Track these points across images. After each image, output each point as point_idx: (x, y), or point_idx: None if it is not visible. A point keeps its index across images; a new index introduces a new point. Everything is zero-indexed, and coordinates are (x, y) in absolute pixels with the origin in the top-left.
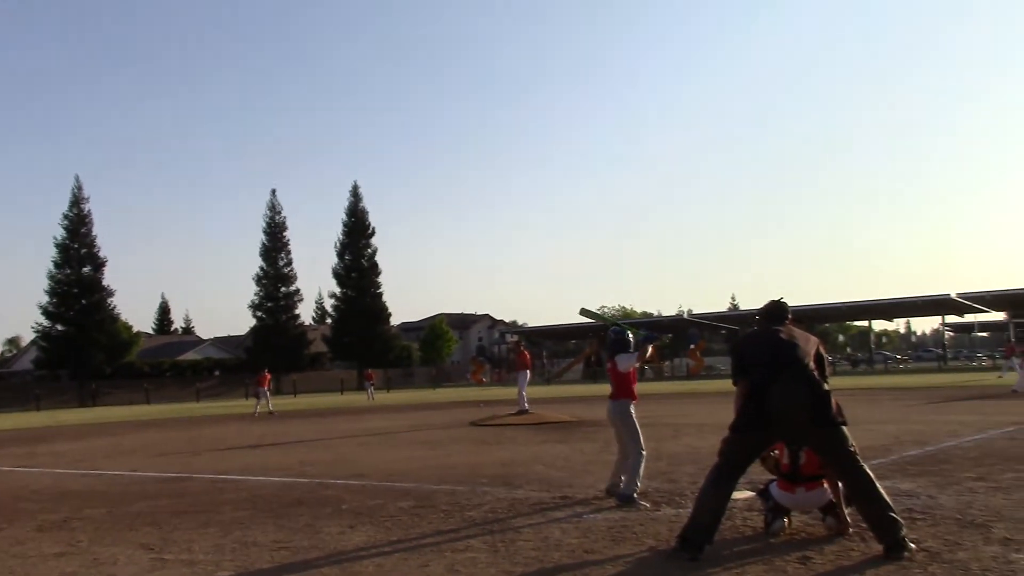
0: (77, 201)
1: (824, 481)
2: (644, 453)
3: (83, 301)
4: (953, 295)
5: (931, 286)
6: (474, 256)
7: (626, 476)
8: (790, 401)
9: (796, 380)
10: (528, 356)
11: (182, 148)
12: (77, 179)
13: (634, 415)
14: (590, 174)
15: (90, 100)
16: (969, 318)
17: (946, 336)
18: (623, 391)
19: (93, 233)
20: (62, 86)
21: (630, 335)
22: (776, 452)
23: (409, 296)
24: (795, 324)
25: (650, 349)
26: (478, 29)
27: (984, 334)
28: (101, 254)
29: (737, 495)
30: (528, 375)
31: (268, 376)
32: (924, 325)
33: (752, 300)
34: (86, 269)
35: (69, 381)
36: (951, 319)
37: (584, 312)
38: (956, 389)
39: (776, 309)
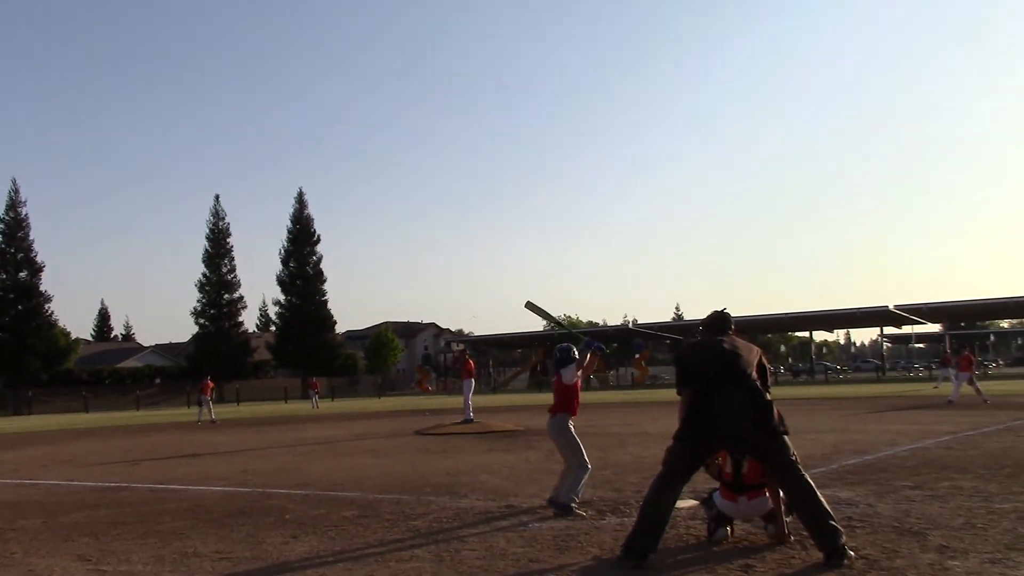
0: (14, 204)
1: (766, 490)
2: (589, 467)
3: (19, 307)
4: (891, 307)
5: (870, 298)
6: (420, 264)
7: (566, 486)
8: (732, 410)
9: (738, 390)
10: (473, 365)
11: (123, 152)
12: (14, 182)
13: (572, 429)
14: (537, 183)
15: (29, 101)
16: (907, 329)
17: (884, 347)
18: (562, 405)
19: (30, 237)
20: (1, 86)
21: (575, 351)
22: (720, 460)
23: (354, 304)
24: (738, 334)
25: (589, 356)
26: (426, 36)
27: (921, 345)
28: (38, 259)
29: (681, 504)
30: (473, 384)
31: (211, 384)
32: (863, 336)
33: (696, 310)
34: (23, 274)
35: (4, 388)
36: (889, 330)
37: (529, 305)
38: (894, 399)
39: (719, 319)
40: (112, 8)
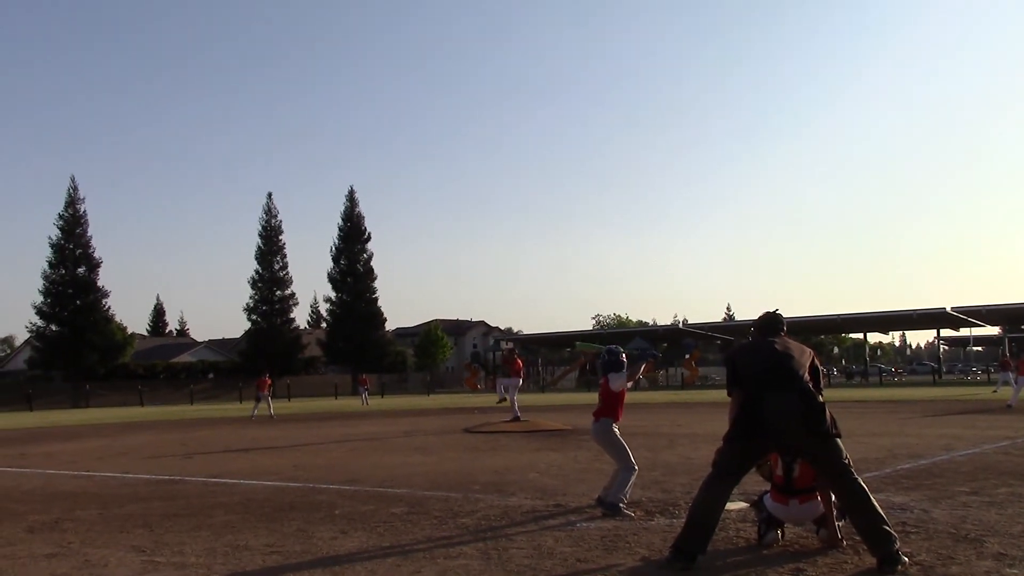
0: (73, 201)
1: (817, 493)
2: (636, 469)
3: (77, 301)
4: (949, 309)
5: (927, 299)
6: (470, 262)
7: (614, 486)
8: (783, 412)
9: (789, 392)
10: (520, 364)
11: (179, 150)
12: (73, 180)
13: (617, 433)
14: (585, 181)
15: (87, 101)
16: (964, 332)
17: (941, 349)
18: (606, 410)
19: (88, 234)
20: (59, 86)
21: (624, 356)
22: (771, 462)
23: (404, 301)
24: (790, 336)
25: (643, 366)
26: (476, 33)
27: (979, 348)
28: (96, 255)
29: (731, 506)
30: (519, 383)
31: (268, 381)
32: (919, 338)
33: (748, 311)
34: (81, 269)
35: (62, 382)
36: (946, 333)
37: (581, 346)
38: (951, 403)
39: (771, 321)
40: (165, 10)
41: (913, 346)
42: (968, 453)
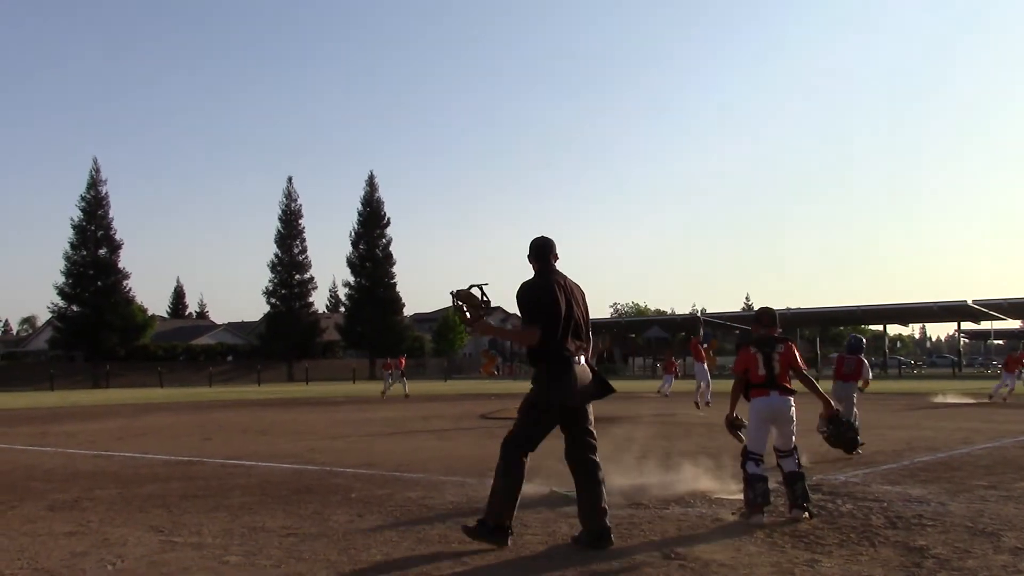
0: (95, 183)
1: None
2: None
3: (99, 283)
4: (970, 302)
5: (948, 292)
6: (488, 248)
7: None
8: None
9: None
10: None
11: (200, 133)
12: (95, 161)
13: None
14: (604, 169)
15: (110, 82)
16: (985, 325)
17: (961, 343)
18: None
19: (110, 215)
20: (82, 67)
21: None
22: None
23: (423, 287)
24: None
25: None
26: (499, 20)
27: (1000, 342)
28: (117, 236)
29: (728, 496)
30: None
31: (396, 361)
32: (940, 331)
33: (766, 301)
34: (102, 251)
35: (83, 362)
36: (967, 325)
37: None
38: (970, 396)
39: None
40: None
41: (933, 339)
42: (986, 447)
